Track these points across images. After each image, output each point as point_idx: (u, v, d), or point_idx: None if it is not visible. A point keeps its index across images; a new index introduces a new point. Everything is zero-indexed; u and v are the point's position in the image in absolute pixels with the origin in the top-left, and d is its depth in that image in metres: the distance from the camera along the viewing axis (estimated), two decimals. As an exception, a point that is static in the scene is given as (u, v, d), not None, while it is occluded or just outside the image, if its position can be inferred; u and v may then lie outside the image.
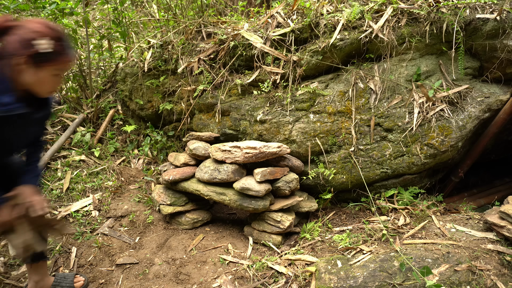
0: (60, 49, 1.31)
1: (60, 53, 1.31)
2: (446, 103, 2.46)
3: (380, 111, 2.48)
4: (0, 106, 1.26)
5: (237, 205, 2.30)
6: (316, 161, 2.60)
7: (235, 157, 2.34)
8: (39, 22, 1.29)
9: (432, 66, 2.56)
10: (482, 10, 2.44)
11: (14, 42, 1.24)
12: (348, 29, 2.50)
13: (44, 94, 1.39)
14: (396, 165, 2.49)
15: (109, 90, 3.87)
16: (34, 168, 1.63)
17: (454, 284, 1.72)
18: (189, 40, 3.12)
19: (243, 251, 2.33)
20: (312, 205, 2.53)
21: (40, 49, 1.25)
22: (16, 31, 1.26)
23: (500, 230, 1.95)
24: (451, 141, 2.42)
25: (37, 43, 1.24)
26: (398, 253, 1.90)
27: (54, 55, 1.29)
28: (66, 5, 2.96)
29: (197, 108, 3.03)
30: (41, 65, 1.29)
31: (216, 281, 2.03)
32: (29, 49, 1.24)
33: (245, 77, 2.78)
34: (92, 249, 2.28)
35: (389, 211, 2.46)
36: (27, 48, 1.24)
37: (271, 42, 2.69)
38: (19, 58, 1.25)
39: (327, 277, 1.83)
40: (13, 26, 1.27)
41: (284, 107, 2.61)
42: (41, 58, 1.27)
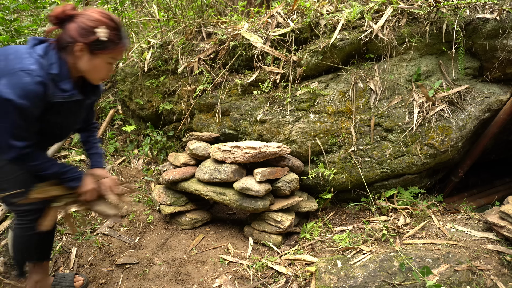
0: (116, 38, 1.35)
1: (116, 42, 1.35)
2: (446, 103, 2.46)
3: (380, 111, 2.48)
4: (61, 92, 1.32)
5: (237, 205, 2.30)
6: (316, 161, 2.60)
7: (235, 157, 2.34)
8: (97, 11, 1.33)
9: (432, 66, 2.56)
10: (482, 10, 2.44)
11: (73, 30, 1.29)
12: (348, 29, 2.50)
13: (96, 81, 1.45)
14: (396, 165, 2.49)
15: (109, 90, 3.87)
16: (98, 151, 1.73)
17: (454, 284, 1.72)
18: (189, 40, 3.12)
19: (243, 251, 2.33)
20: (312, 205, 2.53)
21: (97, 37, 1.30)
22: (75, 19, 1.30)
23: (500, 230, 1.95)
24: (451, 141, 2.42)
25: (95, 31, 1.29)
26: (398, 253, 1.90)
27: (109, 43, 1.34)
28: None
29: (197, 108, 3.03)
30: (96, 52, 1.34)
31: (216, 281, 2.03)
32: (87, 36, 1.29)
33: (245, 77, 2.78)
34: (92, 249, 2.28)
35: (389, 211, 2.46)
36: (85, 35, 1.29)
37: (271, 42, 2.69)
38: (77, 45, 1.30)
39: (327, 277, 1.83)
40: (73, 14, 1.31)
41: (284, 107, 2.61)
42: (98, 46, 1.32)
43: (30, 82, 1.23)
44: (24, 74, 1.22)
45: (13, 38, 2.76)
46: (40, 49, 1.32)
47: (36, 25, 2.98)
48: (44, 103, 1.30)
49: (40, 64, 1.27)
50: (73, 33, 1.30)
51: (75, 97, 1.38)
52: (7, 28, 2.75)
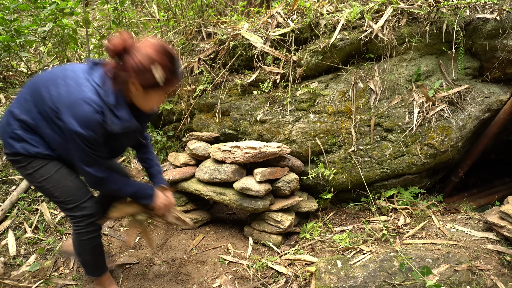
0: (171, 77, 1.39)
1: (170, 80, 1.39)
2: (446, 103, 2.47)
3: (380, 111, 2.48)
4: (118, 121, 1.40)
5: (237, 205, 2.30)
6: (316, 161, 2.60)
7: (235, 157, 2.34)
8: (153, 46, 1.34)
9: (432, 66, 2.56)
10: (482, 10, 2.44)
11: (129, 67, 1.33)
12: (348, 29, 2.50)
13: (148, 110, 1.52)
14: (396, 165, 2.49)
15: (109, 90, 3.87)
16: (159, 168, 1.84)
17: (454, 284, 1.72)
18: (189, 40, 3.12)
19: (243, 251, 2.33)
20: (312, 205, 2.53)
21: (152, 77, 1.34)
22: (133, 53, 1.33)
23: (500, 230, 1.95)
24: (451, 141, 2.42)
25: (151, 71, 1.33)
26: (398, 253, 1.90)
27: (164, 83, 1.37)
28: (66, 5, 2.96)
29: (197, 108, 3.03)
30: (150, 90, 1.39)
31: (216, 281, 2.03)
32: (142, 76, 1.34)
33: (245, 77, 2.78)
34: (92, 249, 2.28)
35: (389, 211, 2.46)
36: (140, 75, 1.33)
37: (271, 42, 2.69)
38: (132, 82, 1.36)
39: (327, 277, 1.83)
40: (131, 47, 1.34)
41: (284, 107, 2.61)
42: (152, 85, 1.37)
43: (91, 112, 1.30)
44: (85, 104, 1.29)
45: (13, 38, 2.76)
46: (97, 77, 1.37)
47: (36, 25, 2.98)
48: (105, 130, 1.37)
49: (99, 94, 1.33)
50: (129, 70, 1.33)
51: (132, 126, 1.47)
52: (7, 28, 2.75)
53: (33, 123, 1.42)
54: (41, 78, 1.44)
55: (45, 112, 1.39)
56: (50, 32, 3.04)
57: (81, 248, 1.62)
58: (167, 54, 1.37)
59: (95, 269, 1.75)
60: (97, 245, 1.67)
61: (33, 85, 1.45)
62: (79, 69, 1.40)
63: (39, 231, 2.35)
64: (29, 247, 2.23)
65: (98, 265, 1.74)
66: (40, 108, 1.40)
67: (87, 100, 1.30)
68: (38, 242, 2.27)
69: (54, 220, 2.43)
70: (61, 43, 3.26)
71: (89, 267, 1.72)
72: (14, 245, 2.20)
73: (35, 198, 2.55)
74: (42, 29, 2.89)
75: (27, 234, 2.29)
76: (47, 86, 1.38)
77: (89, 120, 1.31)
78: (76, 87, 1.33)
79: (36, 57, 4.40)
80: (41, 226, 2.37)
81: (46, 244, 2.26)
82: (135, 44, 1.35)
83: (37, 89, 1.41)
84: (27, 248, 2.22)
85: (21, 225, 2.35)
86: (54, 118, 1.38)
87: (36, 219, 2.39)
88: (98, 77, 1.37)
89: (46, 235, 2.34)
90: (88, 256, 1.67)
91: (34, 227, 2.35)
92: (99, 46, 3.75)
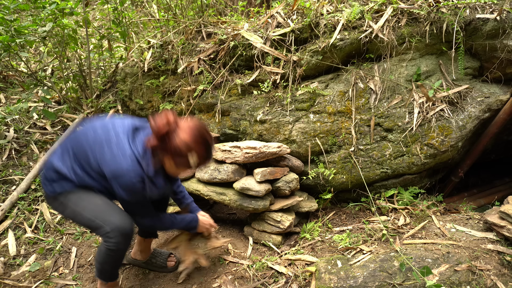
0: (203, 162, 1.58)
1: (201, 164, 1.58)
2: (446, 103, 2.47)
3: (380, 111, 2.48)
4: (154, 187, 1.60)
5: (237, 205, 2.30)
6: (316, 161, 2.60)
7: (235, 157, 2.34)
8: (194, 134, 1.50)
9: (432, 66, 2.56)
10: (482, 10, 2.44)
11: (169, 148, 1.49)
12: (348, 29, 2.50)
13: (176, 176, 1.76)
14: (396, 165, 2.49)
15: (109, 90, 3.87)
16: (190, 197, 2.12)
17: (454, 284, 1.72)
18: (189, 40, 3.12)
19: (243, 251, 2.33)
20: (312, 205, 2.53)
21: (187, 161, 1.52)
22: (174, 138, 1.48)
23: (500, 230, 1.95)
24: (451, 141, 2.42)
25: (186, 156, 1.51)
26: (398, 253, 1.90)
27: (195, 166, 1.57)
28: (66, 5, 2.95)
29: (197, 108, 3.03)
30: (182, 167, 1.58)
31: (216, 281, 2.03)
32: (178, 158, 1.51)
33: (245, 77, 2.78)
34: (92, 249, 2.28)
35: (389, 211, 2.46)
36: (176, 157, 1.51)
37: (271, 42, 2.69)
38: (167, 158, 1.54)
39: (327, 277, 1.83)
40: (173, 131, 1.49)
41: (284, 107, 2.61)
42: (184, 166, 1.56)
43: (135, 183, 1.49)
44: (129, 176, 1.47)
45: (13, 38, 2.75)
46: (140, 146, 1.54)
47: (36, 25, 2.98)
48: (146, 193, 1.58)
49: (141, 165, 1.51)
50: (168, 152, 1.50)
51: (167, 190, 1.74)
52: (7, 28, 2.75)
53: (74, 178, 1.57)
54: (86, 137, 1.57)
55: (92, 171, 1.55)
56: (50, 32, 3.04)
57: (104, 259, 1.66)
58: (204, 143, 1.54)
59: (108, 276, 1.77)
60: (120, 258, 1.71)
61: (77, 143, 1.58)
62: (121, 132, 1.55)
63: (39, 231, 2.35)
64: (29, 247, 2.23)
65: (112, 273, 1.77)
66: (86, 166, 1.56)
67: (131, 173, 1.47)
68: (38, 242, 2.27)
69: (54, 220, 2.43)
70: (61, 43, 3.26)
71: (103, 273, 1.74)
72: (14, 245, 2.20)
73: (35, 198, 2.55)
74: (42, 29, 2.89)
75: (27, 234, 2.29)
76: (92, 148, 1.53)
77: (134, 189, 1.51)
78: (121, 156, 1.48)
79: (36, 57, 4.40)
80: (41, 226, 2.37)
81: (46, 244, 2.26)
82: (177, 127, 1.50)
83: (82, 149, 1.56)
84: (27, 248, 2.22)
85: (21, 225, 2.35)
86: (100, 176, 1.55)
87: (36, 219, 2.39)
88: (140, 145, 1.54)
89: (46, 235, 2.34)
90: (108, 266, 1.70)
91: (34, 227, 2.36)
92: (99, 46, 3.75)
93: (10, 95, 3.70)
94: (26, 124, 3.21)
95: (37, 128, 3.24)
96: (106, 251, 1.61)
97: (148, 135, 1.56)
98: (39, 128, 3.25)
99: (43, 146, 3.02)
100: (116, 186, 1.50)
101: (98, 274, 1.74)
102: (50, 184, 1.59)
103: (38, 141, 3.05)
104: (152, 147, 1.52)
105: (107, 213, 1.58)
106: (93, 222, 1.58)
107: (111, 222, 1.56)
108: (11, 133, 2.98)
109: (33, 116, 3.35)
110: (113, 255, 1.62)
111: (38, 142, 3.04)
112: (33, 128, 3.21)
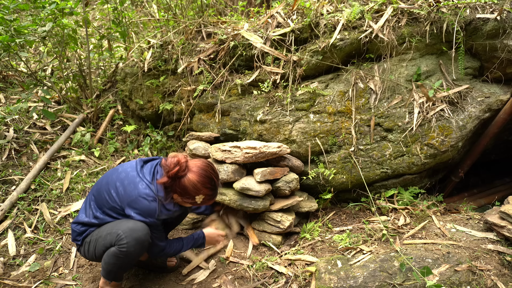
0: (208, 201, 1.73)
1: (206, 203, 1.73)
2: (446, 103, 2.46)
3: (380, 111, 2.48)
4: (166, 211, 1.70)
5: (237, 205, 2.30)
6: (316, 161, 2.60)
7: (235, 157, 2.34)
8: (202, 176, 1.66)
9: (432, 66, 2.56)
10: (482, 10, 2.44)
11: (178, 188, 1.66)
12: (348, 29, 2.50)
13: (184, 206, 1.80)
14: (396, 165, 2.48)
15: (109, 90, 3.87)
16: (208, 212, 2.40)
17: (454, 284, 1.72)
18: (189, 40, 3.12)
19: (243, 251, 2.33)
20: (312, 205, 2.53)
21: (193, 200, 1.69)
22: (183, 179, 1.65)
23: (501, 230, 1.95)
24: (451, 141, 2.42)
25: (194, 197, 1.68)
26: (398, 253, 1.90)
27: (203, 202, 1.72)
28: (66, 5, 2.95)
29: (197, 108, 3.03)
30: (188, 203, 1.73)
31: (216, 281, 2.03)
32: (186, 197, 1.68)
33: (245, 77, 2.78)
34: (92, 249, 2.27)
35: (389, 211, 2.46)
36: (185, 196, 1.67)
37: (271, 42, 2.68)
38: (176, 196, 1.70)
39: (327, 277, 1.82)
40: (183, 173, 1.65)
41: (284, 107, 2.60)
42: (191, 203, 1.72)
43: (149, 204, 1.62)
44: (143, 199, 1.62)
45: (12, 38, 2.75)
46: (148, 174, 1.70)
47: (36, 25, 2.97)
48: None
49: (151, 189, 1.64)
50: (177, 190, 1.66)
51: (176, 213, 1.80)
52: (6, 28, 2.75)
53: (96, 222, 1.72)
54: (101, 184, 1.75)
55: (111, 211, 1.70)
56: (50, 32, 3.03)
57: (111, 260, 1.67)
58: (211, 186, 1.69)
59: (112, 276, 1.76)
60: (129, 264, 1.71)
61: (97, 191, 1.76)
62: (129, 169, 1.72)
63: (38, 231, 2.35)
64: (28, 247, 2.23)
65: (117, 275, 1.77)
66: (106, 209, 1.71)
67: (144, 196, 1.62)
68: (38, 242, 2.27)
69: (54, 220, 2.43)
70: (61, 43, 3.26)
71: (107, 272, 1.73)
72: (13, 245, 2.20)
73: (34, 198, 2.55)
74: (42, 29, 2.89)
75: (26, 234, 2.29)
76: (108, 190, 1.69)
77: (149, 210, 1.63)
78: (133, 186, 1.64)
79: (36, 57, 4.40)
80: (40, 226, 2.37)
81: (46, 244, 2.26)
82: (187, 168, 1.66)
83: (101, 195, 1.72)
84: (27, 248, 2.22)
85: (20, 225, 2.35)
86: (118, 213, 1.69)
87: (35, 219, 2.39)
88: (148, 174, 1.70)
89: (45, 235, 2.34)
90: (115, 268, 1.70)
91: (34, 227, 2.35)
92: (99, 46, 3.75)
93: (10, 95, 3.70)
94: (26, 124, 3.21)
95: (37, 128, 3.23)
96: (115, 252, 1.61)
97: (155, 166, 1.74)
98: (39, 128, 3.25)
99: (42, 146, 3.02)
100: (133, 213, 1.63)
101: (103, 273, 1.75)
102: (79, 236, 1.77)
103: (38, 141, 3.05)
104: (163, 183, 1.66)
105: (122, 223, 1.66)
106: (110, 235, 1.64)
107: (124, 226, 1.63)
108: (10, 133, 2.98)
109: (33, 116, 3.34)
110: (122, 257, 1.62)
111: (38, 142, 3.04)
112: (33, 128, 3.21)
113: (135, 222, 1.63)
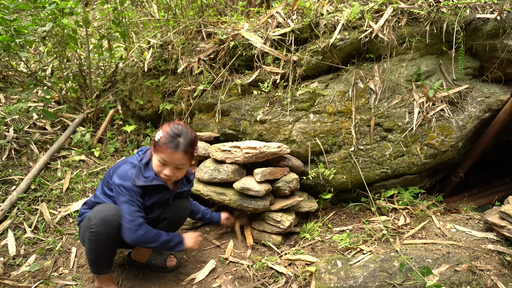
0: (165, 140, 1.67)
1: (163, 143, 1.67)
2: (446, 103, 2.46)
3: (380, 111, 2.48)
4: (145, 179, 1.73)
5: (237, 205, 2.30)
6: (316, 161, 2.60)
7: (235, 157, 2.34)
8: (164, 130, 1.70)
9: (432, 66, 2.56)
10: (482, 10, 2.44)
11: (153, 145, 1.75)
12: (348, 29, 2.50)
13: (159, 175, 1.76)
14: (396, 165, 2.48)
15: (109, 90, 3.87)
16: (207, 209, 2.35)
17: (455, 284, 1.72)
18: (189, 40, 3.12)
19: (243, 251, 2.33)
20: (312, 205, 2.53)
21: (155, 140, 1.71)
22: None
23: (501, 230, 1.94)
24: (451, 141, 2.42)
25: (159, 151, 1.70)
26: (398, 253, 1.90)
27: (159, 143, 1.68)
28: (66, 5, 2.95)
29: (197, 108, 3.03)
30: (154, 152, 1.73)
31: (216, 281, 2.03)
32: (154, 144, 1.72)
33: (245, 77, 2.78)
34: (92, 249, 2.27)
35: (389, 211, 2.46)
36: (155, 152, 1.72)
37: (271, 42, 2.68)
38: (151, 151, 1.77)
39: (327, 277, 1.82)
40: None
41: (284, 107, 2.60)
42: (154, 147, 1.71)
43: (128, 169, 1.73)
44: (125, 165, 1.75)
45: (12, 38, 2.75)
46: (141, 152, 1.83)
47: (36, 25, 2.97)
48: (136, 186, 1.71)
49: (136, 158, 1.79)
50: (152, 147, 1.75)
51: (153, 182, 1.74)
52: (6, 28, 2.75)
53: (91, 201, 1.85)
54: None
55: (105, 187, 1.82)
56: (50, 32, 3.03)
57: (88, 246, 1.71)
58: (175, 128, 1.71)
59: (95, 266, 1.78)
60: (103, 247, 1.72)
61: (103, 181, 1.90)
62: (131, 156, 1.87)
63: (38, 231, 2.35)
64: (28, 247, 2.23)
65: (99, 264, 1.78)
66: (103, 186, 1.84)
67: (127, 162, 1.76)
68: (38, 242, 2.27)
69: (54, 220, 2.43)
70: (61, 43, 3.26)
71: (91, 263, 1.78)
72: (13, 245, 2.20)
73: (34, 198, 2.55)
74: (42, 29, 2.89)
75: (26, 234, 2.29)
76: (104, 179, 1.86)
77: (127, 173, 1.71)
78: (124, 159, 1.82)
79: (36, 57, 4.40)
80: (40, 226, 2.37)
81: (46, 244, 2.26)
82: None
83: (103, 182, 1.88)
84: (27, 248, 2.22)
85: (20, 225, 2.35)
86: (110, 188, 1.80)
87: (35, 219, 2.39)
88: (142, 152, 1.83)
89: (45, 235, 2.34)
90: (92, 255, 1.73)
91: (34, 227, 2.35)
92: (99, 46, 3.75)
93: (10, 95, 3.70)
94: (26, 124, 3.21)
95: (37, 128, 3.23)
96: (88, 236, 1.67)
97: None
98: (39, 128, 3.25)
99: (42, 146, 3.02)
100: (114, 177, 1.72)
101: (90, 267, 1.81)
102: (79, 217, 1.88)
103: (38, 141, 3.05)
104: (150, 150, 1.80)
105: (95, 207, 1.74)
106: (85, 219, 1.72)
107: (94, 209, 1.72)
108: (10, 133, 2.98)
109: (32, 116, 3.34)
110: (93, 239, 1.66)
111: (38, 142, 3.04)
112: (33, 128, 3.21)
113: (104, 204, 1.74)
